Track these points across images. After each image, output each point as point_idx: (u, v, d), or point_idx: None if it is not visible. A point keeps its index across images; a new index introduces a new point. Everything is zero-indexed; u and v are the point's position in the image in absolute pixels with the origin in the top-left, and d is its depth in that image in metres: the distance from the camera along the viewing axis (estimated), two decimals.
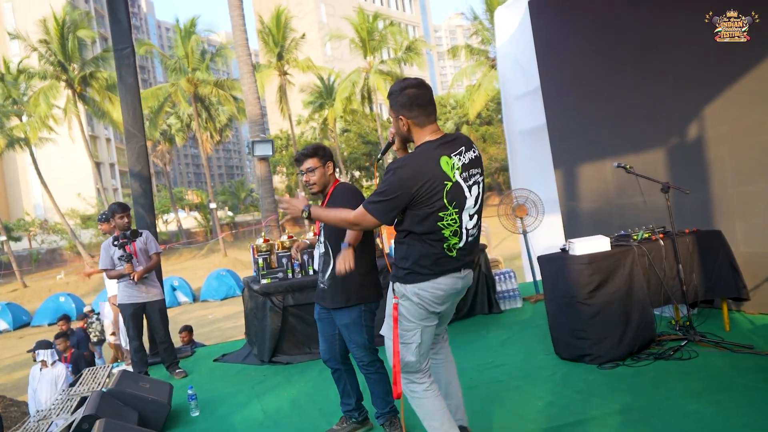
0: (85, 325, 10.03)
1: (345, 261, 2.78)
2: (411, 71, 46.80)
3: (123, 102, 6.34)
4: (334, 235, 3.07)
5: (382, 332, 2.58)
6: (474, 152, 2.44)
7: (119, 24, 6.27)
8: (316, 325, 3.32)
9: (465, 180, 2.36)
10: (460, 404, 2.79)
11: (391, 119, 2.45)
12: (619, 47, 5.61)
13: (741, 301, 4.35)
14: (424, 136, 2.38)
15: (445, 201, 2.30)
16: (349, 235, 2.93)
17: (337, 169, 44.20)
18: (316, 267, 3.24)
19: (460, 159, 2.35)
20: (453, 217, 2.33)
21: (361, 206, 2.37)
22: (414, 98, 2.37)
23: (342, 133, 42.42)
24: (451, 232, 2.35)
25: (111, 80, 32.39)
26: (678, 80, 5.05)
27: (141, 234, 5.29)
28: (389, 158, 3.11)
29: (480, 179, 2.45)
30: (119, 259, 5.12)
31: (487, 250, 6.26)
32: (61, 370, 6.27)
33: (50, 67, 32.96)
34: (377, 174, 2.78)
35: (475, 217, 2.44)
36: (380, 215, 2.33)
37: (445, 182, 2.30)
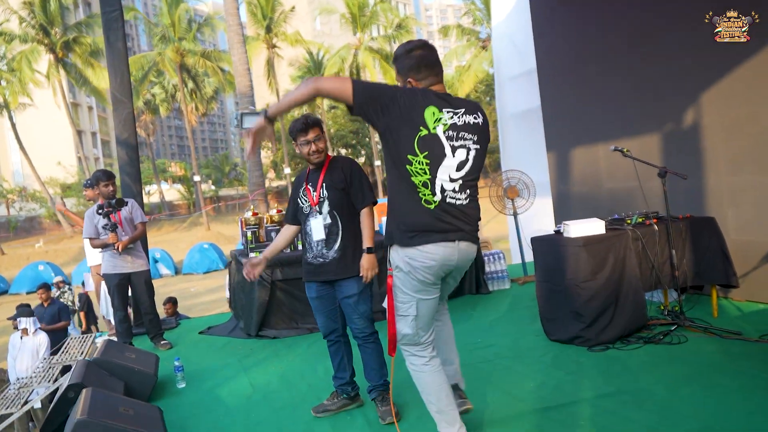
0: (57, 294, 9.89)
1: (373, 267, 3.03)
2: None
3: (110, 67, 6.16)
4: (341, 203, 3.07)
5: (383, 305, 2.54)
6: (476, 118, 2.36)
7: None
8: (310, 302, 3.26)
9: (449, 138, 2.28)
10: (457, 368, 2.87)
11: (398, 84, 2.36)
12: (618, 30, 5.55)
13: (730, 288, 4.39)
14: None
15: (416, 147, 2.24)
16: (370, 237, 3.05)
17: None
18: (315, 239, 3.12)
19: (452, 117, 2.28)
20: (422, 167, 2.25)
21: (348, 79, 2.27)
22: (422, 59, 2.32)
23: (329, 109, 42.03)
24: (420, 182, 2.27)
25: (94, 46, 31.64)
26: (675, 66, 5.01)
27: (126, 203, 5.13)
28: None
29: (473, 147, 2.34)
30: (104, 228, 4.99)
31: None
32: (43, 339, 6.17)
33: (32, 30, 32.07)
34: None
35: (459, 183, 2.32)
36: (358, 94, 2.22)
37: (421, 128, 2.24)
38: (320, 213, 3.10)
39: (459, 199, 2.33)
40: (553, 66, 6.55)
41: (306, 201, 3.16)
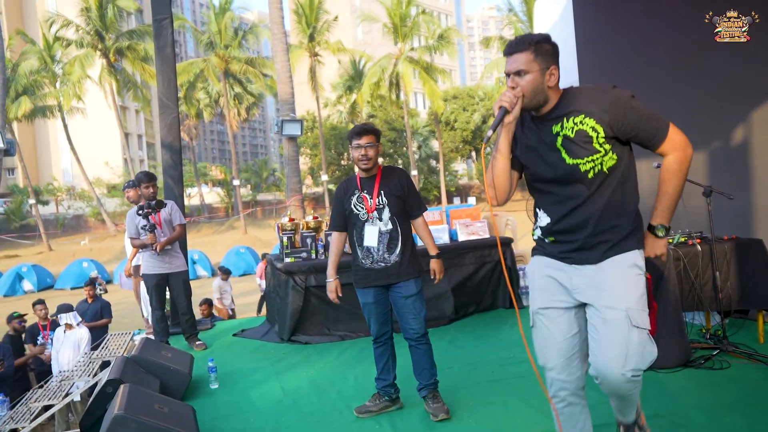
0: (100, 291, 10.13)
1: (443, 270, 3.30)
2: (441, 60, 46.41)
3: (159, 72, 6.34)
4: (400, 210, 3.25)
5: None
6: None
7: None
8: (364, 308, 3.36)
9: None
10: None
11: (525, 74, 2.01)
12: (664, 45, 5.43)
13: None
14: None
15: None
16: (433, 243, 3.33)
17: None
18: (369, 244, 3.22)
19: None
20: None
21: (668, 126, 2.03)
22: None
23: (368, 118, 42.24)
24: None
25: (145, 53, 32.68)
26: (725, 82, 4.87)
27: (166, 205, 5.29)
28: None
29: None
30: (142, 228, 5.14)
31: (513, 245, 6.17)
32: (84, 333, 6.36)
33: (87, 36, 33.35)
34: (484, 154, 2.53)
35: None
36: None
37: None
38: (380, 219, 3.21)
39: None
40: (595, 80, 6.45)
41: (362, 208, 3.24)
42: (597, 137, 2.00)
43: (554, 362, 2.21)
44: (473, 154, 46.02)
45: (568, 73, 7.29)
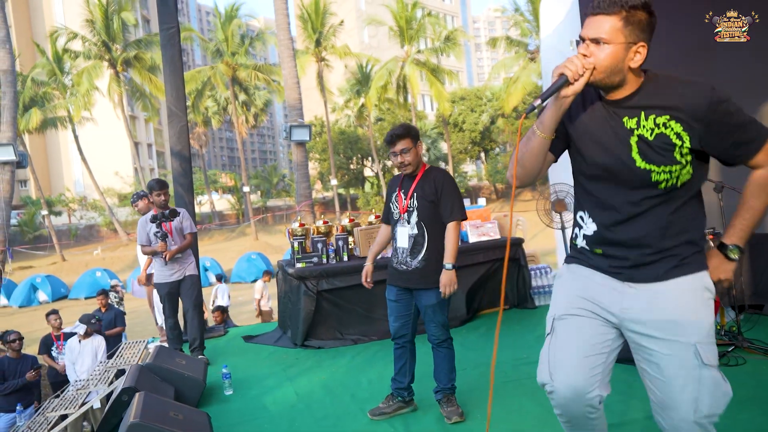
0: (117, 300, 10.22)
1: (452, 284, 3.04)
2: (448, 62, 46.43)
3: (167, 81, 6.40)
4: (429, 215, 3.15)
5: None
6: None
7: (166, 4, 6.32)
8: (388, 303, 3.33)
9: None
10: None
11: (606, 44, 1.64)
12: (669, 44, 5.39)
13: None
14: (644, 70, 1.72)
15: None
16: (452, 253, 3.08)
17: (370, 158, 44.33)
18: (399, 245, 3.22)
19: None
20: None
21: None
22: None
23: (376, 121, 42.34)
24: None
25: (153, 62, 32.98)
26: (733, 78, 4.84)
27: (179, 213, 5.25)
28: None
29: None
30: (155, 235, 5.09)
31: (524, 245, 6.16)
32: (101, 342, 6.41)
33: (94, 47, 33.73)
34: (521, 126, 1.91)
35: None
36: None
37: None
38: (408, 222, 3.18)
39: None
40: None
41: (396, 208, 3.26)
42: (681, 146, 1.63)
43: (565, 368, 1.77)
44: (482, 155, 45.94)
45: None
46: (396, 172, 3.37)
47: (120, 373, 4.56)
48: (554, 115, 1.70)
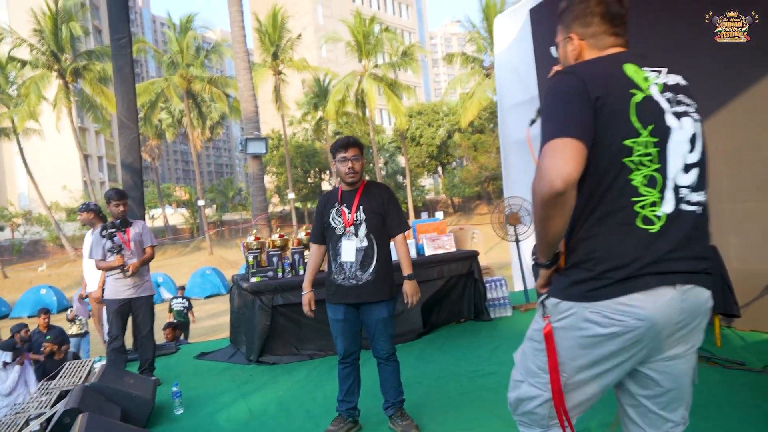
0: (72, 329, 9.82)
1: (416, 293, 3.15)
2: (405, 76, 46.89)
3: (117, 92, 6.25)
4: (377, 227, 3.16)
5: (515, 356, 1.75)
6: (683, 81, 1.61)
7: (117, 13, 6.19)
8: (332, 324, 3.26)
9: (669, 102, 1.51)
10: None
11: (557, 46, 1.69)
12: (671, 43, 5.51)
13: (732, 317, 4.36)
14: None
15: (633, 117, 1.46)
16: (409, 263, 3.20)
17: (328, 171, 44.20)
18: (346, 259, 3.13)
19: (657, 76, 1.56)
20: (649, 150, 1.46)
21: (543, 147, 1.44)
22: (597, 5, 1.60)
23: (334, 135, 42.33)
24: (644, 179, 1.45)
25: (104, 73, 32.14)
26: (735, 79, 5.00)
27: (131, 224, 4.93)
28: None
29: (695, 117, 1.56)
30: (108, 250, 4.76)
31: (479, 258, 6.23)
32: (25, 366, 6.11)
33: (42, 56, 32.64)
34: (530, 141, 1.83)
35: (695, 173, 1.52)
36: (577, 130, 1.42)
37: (632, 91, 1.48)
38: (356, 235, 3.14)
39: (694, 204, 1.52)
40: None
41: (340, 222, 3.19)
42: None
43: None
44: (439, 169, 46.47)
45: (527, 88, 7.48)
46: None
47: (63, 394, 4.36)
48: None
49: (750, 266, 4.54)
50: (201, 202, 39.12)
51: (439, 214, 6.84)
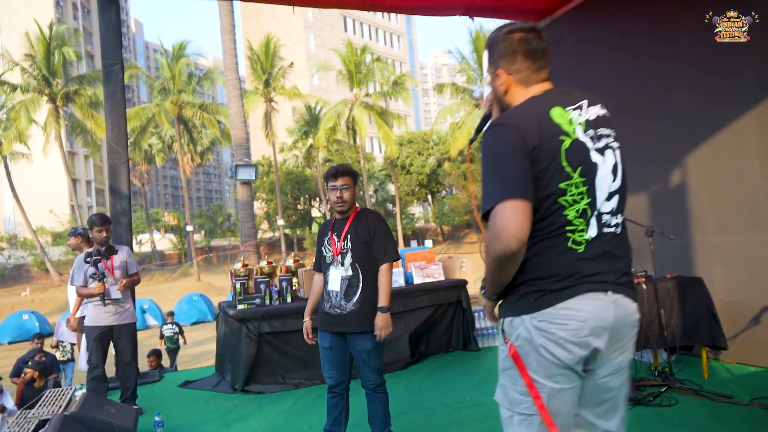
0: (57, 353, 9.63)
1: (387, 326, 3.02)
2: (396, 105, 47.39)
3: (108, 117, 6.24)
4: (363, 256, 3.12)
5: (496, 398, 1.81)
6: (602, 109, 1.78)
7: (110, 39, 6.21)
8: (321, 352, 3.23)
9: (593, 140, 1.69)
10: None
11: (489, 79, 1.89)
12: (602, 95, 5.68)
13: (719, 349, 4.36)
14: (528, 96, 1.75)
15: (565, 163, 1.63)
16: (386, 295, 3.07)
17: (318, 198, 44.24)
18: (332, 288, 3.14)
19: (580, 114, 1.71)
20: (580, 189, 1.64)
21: (495, 207, 1.58)
22: (520, 43, 1.74)
23: (324, 162, 42.54)
24: (576, 213, 1.64)
25: (95, 98, 32.20)
26: (660, 131, 5.16)
27: (117, 251, 4.87)
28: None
29: (614, 145, 1.75)
30: (91, 276, 4.68)
31: (467, 287, 6.23)
32: (3, 393, 5.98)
33: (33, 81, 32.68)
34: (470, 161, 2.15)
35: (616, 199, 1.73)
36: (523, 190, 1.58)
37: (562, 138, 1.65)
38: (342, 264, 3.12)
39: (614, 226, 1.73)
40: None
41: (329, 250, 3.18)
42: None
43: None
44: (429, 197, 46.67)
45: None
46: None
47: (42, 423, 4.25)
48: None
49: (736, 298, 4.57)
50: (189, 228, 38.91)
51: (429, 243, 6.84)
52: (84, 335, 5.04)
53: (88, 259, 4.67)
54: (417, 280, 5.91)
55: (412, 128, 57.80)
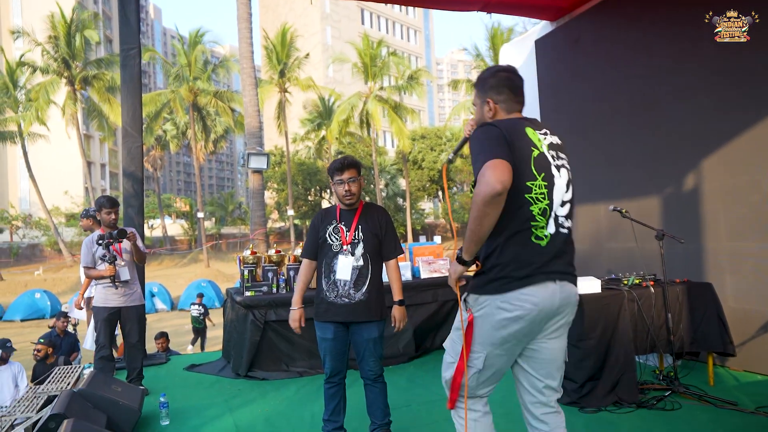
0: (67, 323, 9.74)
1: (404, 318, 3.22)
2: (410, 100, 47.28)
3: (123, 101, 6.30)
4: (374, 248, 3.19)
5: (445, 345, 2.35)
6: (559, 139, 2.25)
7: (128, 24, 6.26)
8: (321, 343, 3.23)
9: (553, 158, 2.15)
10: None
11: (475, 107, 2.32)
12: (619, 95, 5.68)
13: (726, 356, 4.34)
14: (509, 118, 2.22)
15: (533, 168, 2.06)
16: (400, 289, 3.24)
17: (328, 190, 44.30)
18: (341, 277, 3.14)
19: (545, 137, 2.18)
20: (542, 190, 2.07)
21: (483, 167, 1.96)
22: (505, 80, 2.24)
23: (336, 155, 42.58)
24: (539, 210, 2.06)
25: (113, 82, 32.44)
26: (675, 134, 5.12)
27: (128, 234, 4.82)
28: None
29: (568, 167, 2.22)
30: (101, 258, 4.73)
31: None
32: (17, 367, 6.07)
33: (53, 62, 32.97)
34: (446, 179, 2.79)
35: (568, 206, 2.17)
36: (504, 155, 1.97)
37: (532, 148, 2.09)
38: (352, 254, 3.14)
39: (566, 228, 2.17)
40: (555, 124, 6.65)
41: (337, 239, 3.18)
42: None
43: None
44: (440, 193, 46.61)
45: (529, 116, 7.53)
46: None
47: (50, 399, 4.32)
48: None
49: (746, 306, 4.53)
50: (200, 215, 39.15)
51: (438, 239, 6.85)
52: (92, 315, 5.12)
53: (101, 242, 4.72)
54: (424, 275, 5.91)
55: (426, 123, 57.68)
